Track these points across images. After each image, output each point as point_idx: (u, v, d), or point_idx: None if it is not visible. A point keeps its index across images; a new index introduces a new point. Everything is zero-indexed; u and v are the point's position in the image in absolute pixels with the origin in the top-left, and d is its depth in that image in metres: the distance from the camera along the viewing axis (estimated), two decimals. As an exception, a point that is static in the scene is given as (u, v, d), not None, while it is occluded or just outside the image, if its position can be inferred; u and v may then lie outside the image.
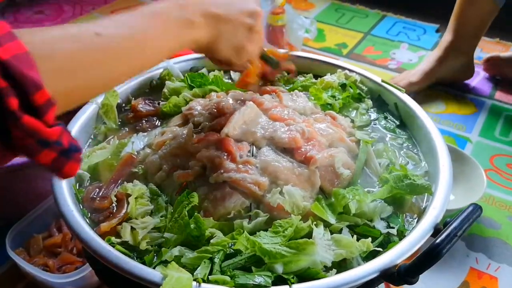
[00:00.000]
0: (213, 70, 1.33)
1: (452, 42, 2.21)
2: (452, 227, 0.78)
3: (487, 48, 2.51)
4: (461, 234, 0.78)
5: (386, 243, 0.89)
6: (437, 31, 2.73)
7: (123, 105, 1.23)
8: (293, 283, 0.79)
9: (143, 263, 0.83)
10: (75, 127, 1.09)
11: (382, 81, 1.25)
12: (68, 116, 1.89)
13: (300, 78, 1.32)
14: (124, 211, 0.93)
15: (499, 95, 2.30)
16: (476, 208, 0.82)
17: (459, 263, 1.55)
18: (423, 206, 0.97)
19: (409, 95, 1.22)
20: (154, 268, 0.81)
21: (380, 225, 0.93)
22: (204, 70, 1.31)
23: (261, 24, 1.05)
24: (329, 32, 2.79)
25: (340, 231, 0.90)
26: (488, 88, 2.35)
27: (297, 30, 2.25)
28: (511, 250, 1.60)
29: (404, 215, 0.96)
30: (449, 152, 1.18)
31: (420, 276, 0.78)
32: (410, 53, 2.62)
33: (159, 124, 1.18)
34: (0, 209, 1.63)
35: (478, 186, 1.64)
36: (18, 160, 1.56)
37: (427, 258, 0.77)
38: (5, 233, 1.42)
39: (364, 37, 2.77)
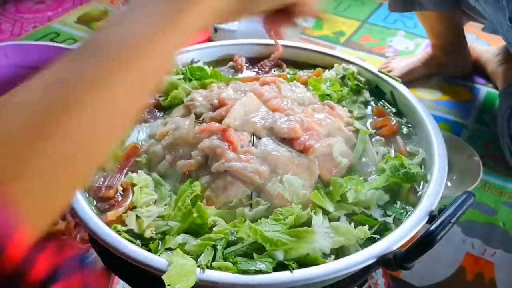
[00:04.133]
0: (210, 64, 1.35)
1: (435, 51, 2.26)
2: (446, 214, 0.80)
3: (483, 35, 2.51)
4: (455, 222, 0.80)
5: (382, 230, 0.91)
6: (434, 18, 2.75)
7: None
8: (294, 268, 0.80)
9: (149, 250, 0.84)
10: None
11: (379, 71, 1.26)
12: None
13: (302, 73, 1.33)
14: (129, 200, 0.95)
15: (494, 82, 2.31)
16: (470, 196, 0.84)
17: (456, 248, 1.59)
18: (419, 194, 0.98)
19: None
20: (159, 255, 0.82)
21: (377, 213, 0.94)
22: (200, 64, 1.32)
23: None
24: (327, 19, 2.79)
25: (338, 219, 0.92)
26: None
27: (295, 19, 2.26)
28: (507, 235, 1.63)
29: (401, 202, 0.98)
30: (446, 139, 1.20)
31: (417, 261, 0.80)
32: (407, 41, 2.64)
33: (160, 115, 1.18)
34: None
35: (475, 172, 1.68)
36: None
37: (422, 245, 0.78)
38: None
39: (362, 25, 2.79)
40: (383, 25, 2.79)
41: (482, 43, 2.44)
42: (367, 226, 0.89)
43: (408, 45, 2.61)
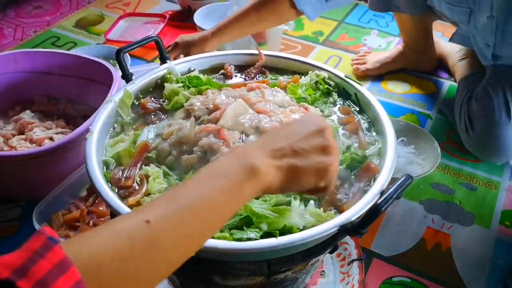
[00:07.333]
0: (205, 72, 1.50)
1: (405, 49, 2.42)
2: (388, 192, 0.96)
3: (449, 33, 2.60)
4: (396, 197, 0.96)
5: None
6: (403, 17, 2.91)
7: (134, 100, 1.36)
8: (277, 236, 0.94)
9: (163, 227, 1.02)
10: (99, 121, 1.22)
11: (345, 76, 1.43)
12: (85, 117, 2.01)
13: (282, 78, 1.48)
14: (145, 188, 1.09)
15: (456, 77, 2.44)
16: (408, 177, 1.00)
17: (418, 223, 1.76)
18: (375, 176, 1.14)
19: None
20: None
21: (342, 196, 1.10)
22: (196, 72, 1.47)
23: (331, 137, 0.91)
24: (307, 20, 2.80)
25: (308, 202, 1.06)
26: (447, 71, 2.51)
27: (277, 24, 2.41)
28: (462, 211, 1.81)
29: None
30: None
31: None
32: (379, 39, 2.76)
33: (164, 117, 1.31)
34: (22, 191, 1.80)
35: (434, 157, 1.84)
36: (35, 149, 1.67)
37: (370, 215, 0.93)
38: (31, 211, 1.59)
39: (339, 25, 2.89)
40: (358, 24, 2.91)
41: (446, 40, 2.58)
42: (333, 210, 1.06)
43: (381, 43, 2.74)
